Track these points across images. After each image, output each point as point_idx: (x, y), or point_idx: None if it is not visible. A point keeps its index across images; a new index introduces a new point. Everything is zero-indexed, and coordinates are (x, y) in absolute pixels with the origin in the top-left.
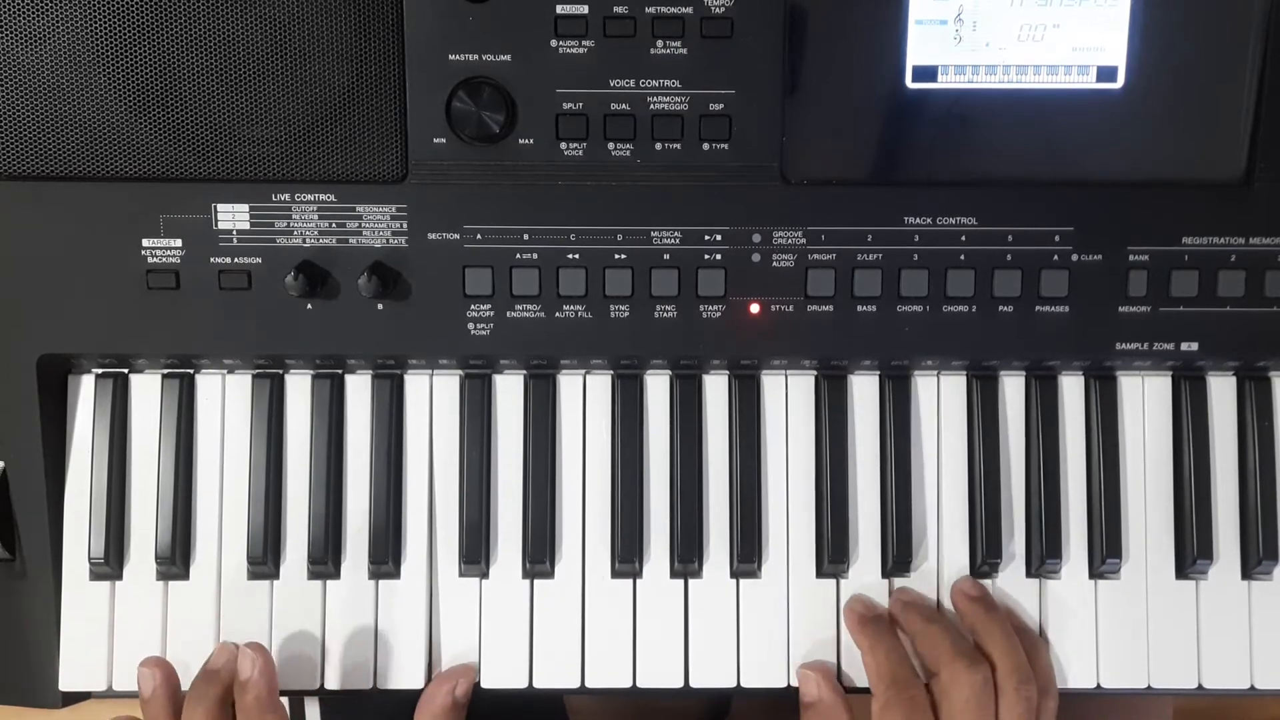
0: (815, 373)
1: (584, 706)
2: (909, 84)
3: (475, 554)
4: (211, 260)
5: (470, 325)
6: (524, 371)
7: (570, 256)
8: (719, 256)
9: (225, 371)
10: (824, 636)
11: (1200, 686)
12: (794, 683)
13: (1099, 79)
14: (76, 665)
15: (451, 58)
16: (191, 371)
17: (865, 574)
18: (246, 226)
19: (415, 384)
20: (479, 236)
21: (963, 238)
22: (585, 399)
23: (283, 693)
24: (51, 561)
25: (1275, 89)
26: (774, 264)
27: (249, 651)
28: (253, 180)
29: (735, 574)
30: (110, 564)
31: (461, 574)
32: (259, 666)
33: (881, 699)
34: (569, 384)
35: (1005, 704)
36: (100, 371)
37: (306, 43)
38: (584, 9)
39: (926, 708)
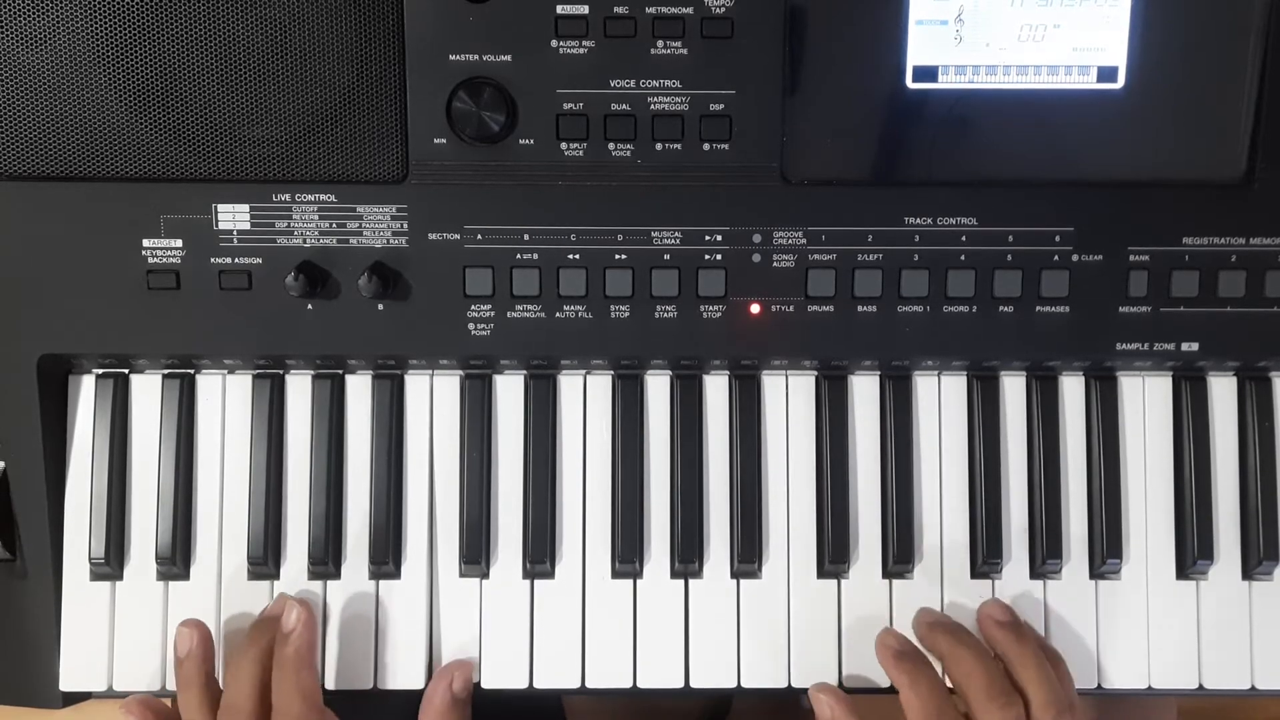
0: (815, 373)
1: (583, 707)
2: (909, 84)
3: (475, 554)
4: (212, 260)
5: (470, 325)
6: (524, 372)
7: (570, 256)
8: (719, 257)
9: (226, 372)
10: (824, 636)
11: (1200, 687)
12: (794, 683)
13: (1099, 79)
14: (77, 665)
15: (452, 58)
16: (192, 372)
17: (866, 574)
18: (247, 226)
19: (415, 384)
20: (479, 236)
21: (963, 238)
22: (585, 399)
23: None
24: (52, 561)
25: (1275, 89)
26: (774, 264)
27: (295, 605)
28: (253, 180)
29: (736, 574)
30: (111, 564)
31: (462, 574)
32: (304, 621)
33: None
34: (569, 384)
35: None
36: (100, 372)
37: (307, 43)
38: (584, 9)
39: None
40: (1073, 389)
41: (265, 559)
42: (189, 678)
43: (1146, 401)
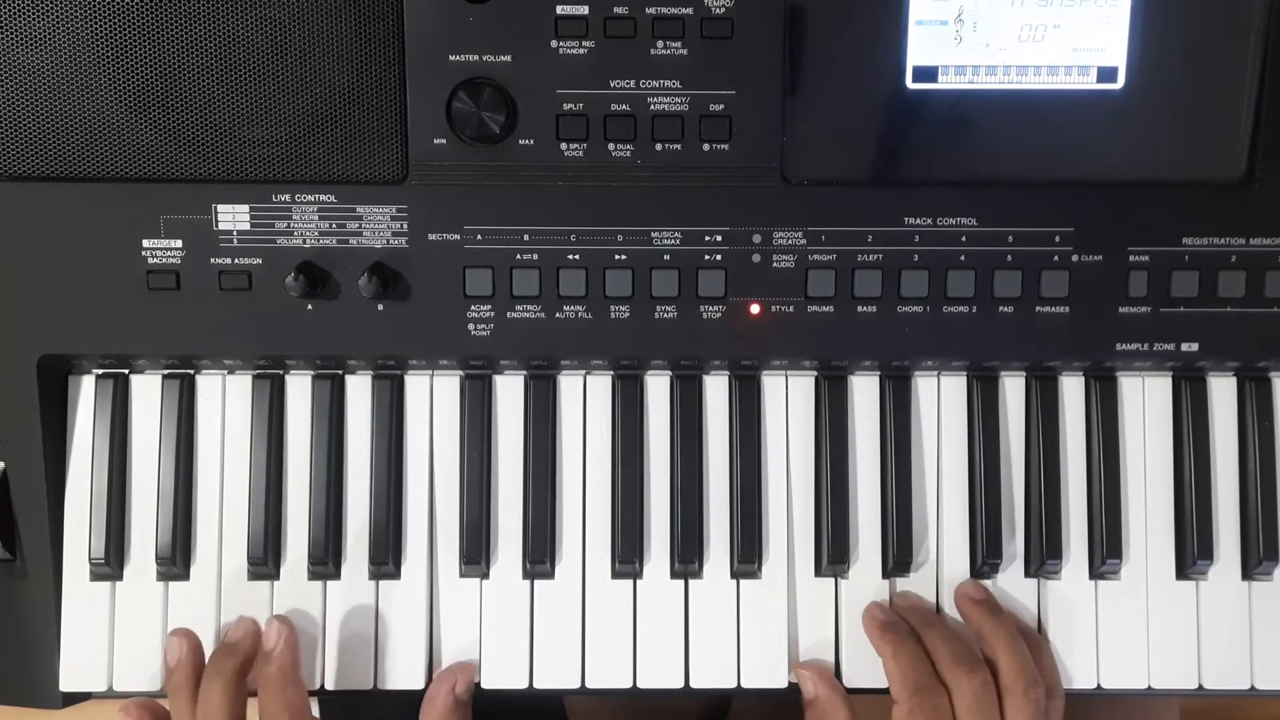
0: (815, 373)
1: (584, 707)
2: (909, 84)
3: (476, 554)
4: (212, 261)
5: (470, 325)
6: (524, 372)
7: (570, 257)
8: (719, 257)
9: (225, 372)
10: (824, 636)
11: (1200, 687)
12: (794, 683)
13: (1099, 79)
14: (77, 665)
15: (452, 58)
16: (192, 372)
17: (865, 574)
18: (247, 227)
19: (415, 384)
20: (479, 237)
21: (963, 238)
22: (585, 399)
23: None
24: (52, 562)
25: (1275, 89)
26: (774, 264)
27: (275, 622)
28: (253, 180)
29: (735, 574)
30: (111, 564)
31: (462, 574)
32: (284, 637)
33: (905, 706)
34: (569, 384)
35: (1014, 707)
36: (101, 372)
37: (307, 43)
38: (584, 9)
39: (949, 715)
40: (1072, 389)
41: (265, 559)
42: (179, 686)
43: (1146, 402)
